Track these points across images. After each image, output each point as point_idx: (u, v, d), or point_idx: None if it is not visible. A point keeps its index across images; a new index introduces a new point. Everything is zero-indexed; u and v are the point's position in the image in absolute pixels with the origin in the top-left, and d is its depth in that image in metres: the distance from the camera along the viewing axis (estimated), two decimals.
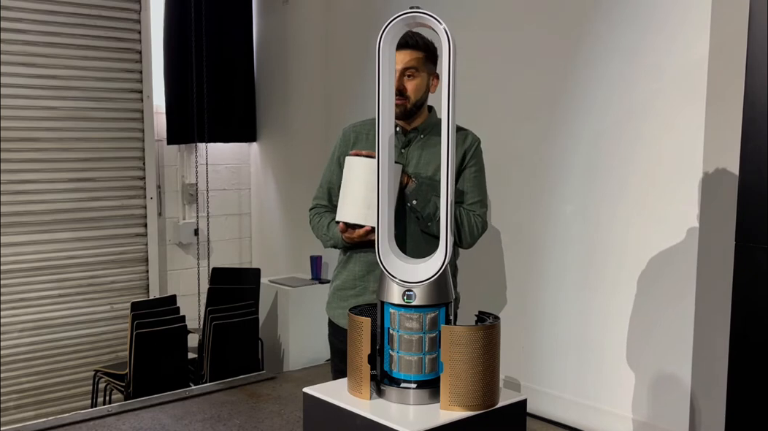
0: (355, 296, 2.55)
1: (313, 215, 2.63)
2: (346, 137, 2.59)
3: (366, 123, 2.59)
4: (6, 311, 4.32)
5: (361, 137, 2.55)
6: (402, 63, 2.39)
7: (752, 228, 2.12)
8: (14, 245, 4.34)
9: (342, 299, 2.59)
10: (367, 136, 2.54)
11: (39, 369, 4.46)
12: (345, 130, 2.61)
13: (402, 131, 2.50)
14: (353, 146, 2.54)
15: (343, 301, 2.58)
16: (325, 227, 2.54)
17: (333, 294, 2.64)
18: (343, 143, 2.58)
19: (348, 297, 2.56)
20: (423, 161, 2.47)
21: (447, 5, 3.35)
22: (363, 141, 2.54)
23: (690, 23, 2.93)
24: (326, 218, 2.56)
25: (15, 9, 4.26)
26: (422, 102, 2.47)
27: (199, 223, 5.03)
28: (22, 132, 4.33)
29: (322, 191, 2.62)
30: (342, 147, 2.57)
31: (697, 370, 2.98)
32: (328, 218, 2.55)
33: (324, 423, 1.94)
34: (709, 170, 2.90)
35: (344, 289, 2.58)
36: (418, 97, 2.44)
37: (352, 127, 2.60)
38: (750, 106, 2.12)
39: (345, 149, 2.54)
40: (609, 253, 3.27)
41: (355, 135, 2.57)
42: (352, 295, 2.56)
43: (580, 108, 3.33)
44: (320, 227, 2.57)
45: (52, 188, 4.47)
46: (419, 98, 2.45)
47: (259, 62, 5.21)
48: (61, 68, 4.44)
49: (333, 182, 2.57)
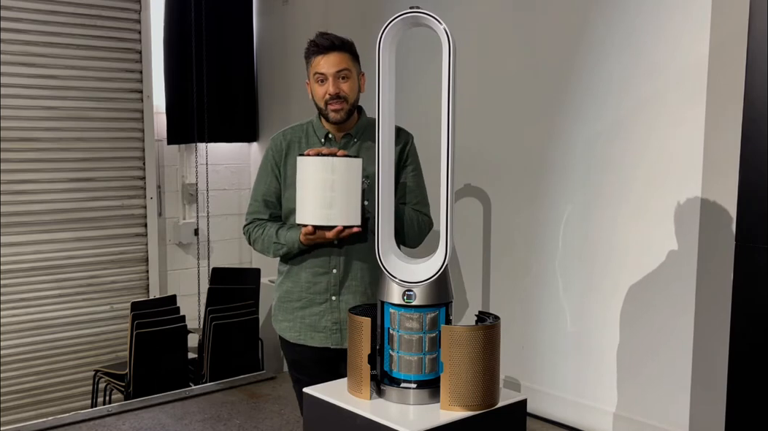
0: (301, 309, 2.45)
1: (254, 229, 2.49)
2: (278, 146, 2.48)
3: (296, 129, 2.50)
4: (6, 311, 4.32)
5: (294, 144, 2.46)
6: (335, 66, 2.34)
7: (752, 228, 2.12)
8: (14, 245, 4.34)
9: (287, 311, 2.49)
10: (299, 143, 2.46)
11: (39, 369, 4.46)
12: (274, 138, 2.51)
13: (334, 138, 2.44)
14: (287, 155, 2.45)
15: (288, 313, 2.48)
16: (274, 235, 2.42)
17: (277, 307, 2.53)
18: (275, 153, 2.47)
19: (294, 310, 2.47)
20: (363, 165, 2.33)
21: (447, 5, 3.35)
22: (296, 149, 2.45)
23: (690, 23, 2.93)
24: (272, 227, 2.44)
25: (15, 9, 4.26)
26: (357, 102, 2.43)
27: (199, 223, 5.03)
28: (22, 132, 4.33)
29: (257, 205, 2.50)
30: (275, 157, 2.46)
31: (697, 370, 2.98)
32: (275, 227, 2.44)
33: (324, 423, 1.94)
34: (709, 170, 2.90)
35: (289, 301, 2.48)
36: (354, 97, 2.40)
37: (282, 135, 2.50)
38: (750, 106, 2.12)
39: (279, 158, 2.45)
40: (609, 253, 3.26)
41: (287, 144, 2.47)
42: (298, 307, 2.46)
43: (580, 108, 3.32)
44: (267, 236, 2.44)
45: (52, 188, 4.47)
46: (356, 99, 2.41)
47: (259, 62, 5.21)
48: (61, 68, 4.44)
49: (269, 194, 2.47)
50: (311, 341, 2.45)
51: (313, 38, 2.40)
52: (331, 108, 2.36)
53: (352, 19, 4.43)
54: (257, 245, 2.50)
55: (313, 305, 2.44)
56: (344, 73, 2.36)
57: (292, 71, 4.90)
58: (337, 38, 2.38)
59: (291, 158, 2.44)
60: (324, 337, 2.43)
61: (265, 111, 5.20)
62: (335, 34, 2.40)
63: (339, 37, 2.39)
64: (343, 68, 2.35)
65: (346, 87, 2.36)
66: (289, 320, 2.48)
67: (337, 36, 2.39)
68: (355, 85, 2.40)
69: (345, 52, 2.37)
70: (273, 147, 2.49)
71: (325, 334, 2.43)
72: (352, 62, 2.39)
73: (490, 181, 3.66)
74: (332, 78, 2.34)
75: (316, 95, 2.40)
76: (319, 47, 2.37)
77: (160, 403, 3.99)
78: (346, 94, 2.36)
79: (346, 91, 2.36)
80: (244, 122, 5.18)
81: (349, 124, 2.43)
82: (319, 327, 2.43)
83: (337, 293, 2.41)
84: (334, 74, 2.35)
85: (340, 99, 2.35)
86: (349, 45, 2.40)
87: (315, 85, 2.40)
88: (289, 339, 2.49)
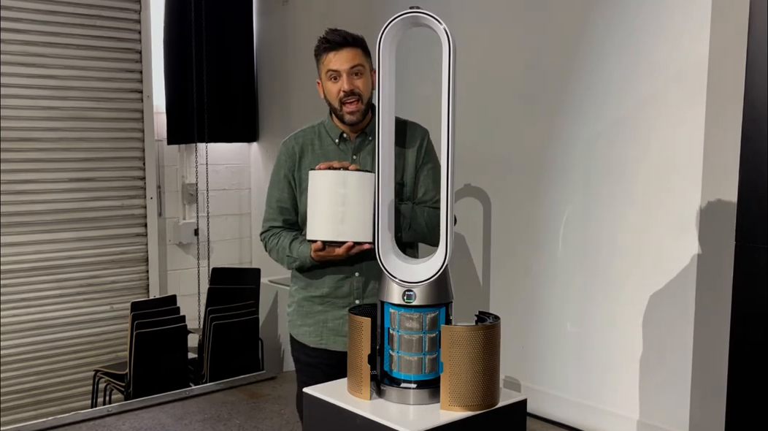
0: (323, 313, 2.39)
1: (269, 238, 2.43)
2: (290, 151, 2.39)
3: (307, 132, 2.41)
4: (6, 311, 4.32)
5: (307, 148, 2.37)
6: (348, 62, 2.25)
7: (752, 228, 2.12)
8: (15, 245, 4.34)
9: (307, 316, 2.41)
10: (312, 146, 2.38)
11: (39, 369, 4.46)
12: (286, 143, 2.42)
13: (348, 138, 2.36)
14: (300, 159, 2.37)
15: (308, 318, 2.41)
16: (287, 247, 2.35)
17: (296, 312, 2.45)
18: (288, 158, 2.39)
19: (315, 314, 2.40)
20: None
21: (447, 5, 3.35)
22: (310, 153, 2.37)
23: (690, 23, 2.93)
24: (286, 238, 2.37)
25: (15, 9, 4.26)
26: (371, 100, 2.33)
27: (199, 223, 5.03)
28: (23, 132, 4.33)
29: (272, 212, 2.43)
30: (288, 162, 2.38)
31: (697, 370, 2.98)
32: (289, 238, 2.37)
33: (324, 423, 1.94)
34: (709, 170, 2.90)
35: (311, 305, 2.40)
36: (368, 95, 2.31)
37: (294, 139, 2.41)
38: (750, 106, 2.12)
39: (292, 164, 2.38)
40: (609, 253, 3.26)
41: (300, 148, 2.38)
42: (320, 311, 2.39)
43: (580, 108, 3.32)
44: (281, 248, 2.38)
45: (53, 188, 4.47)
46: (370, 96, 2.31)
47: (259, 62, 5.21)
48: (60, 68, 4.44)
49: (284, 200, 2.40)
50: (333, 345, 2.37)
51: (324, 35, 2.31)
52: (347, 110, 2.27)
53: (352, 19, 4.43)
54: (273, 254, 2.44)
55: (336, 308, 2.36)
56: (358, 69, 2.26)
57: (292, 71, 4.90)
58: (349, 34, 2.29)
59: (305, 161, 2.36)
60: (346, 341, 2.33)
61: (265, 111, 5.20)
62: (345, 30, 2.32)
63: (350, 33, 2.30)
64: (357, 64, 2.26)
65: (361, 84, 2.27)
66: (310, 325, 2.40)
67: (349, 32, 2.30)
68: (369, 81, 2.30)
69: (357, 47, 2.28)
70: (285, 152, 2.40)
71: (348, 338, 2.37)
72: (365, 58, 2.30)
73: (490, 181, 3.66)
74: (346, 75, 2.25)
75: (329, 94, 2.30)
76: (331, 43, 2.27)
77: (160, 403, 3.99)
78: (360, 90, 2.27)
79: (361, 87, 2.27)
80: (244, 121, 5.19)
81: (363, 123, 2.34)
82: (342, 332, 2.34)
83: (361, 296, 2.35)
84: (347, 71, 2.25)
85: (355, 96, 2.26)
86: (361, 41, 2.30)
87: (328, 83, 2.29)
88: (310, 343, 2.41)
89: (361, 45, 2.31)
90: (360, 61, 2.27)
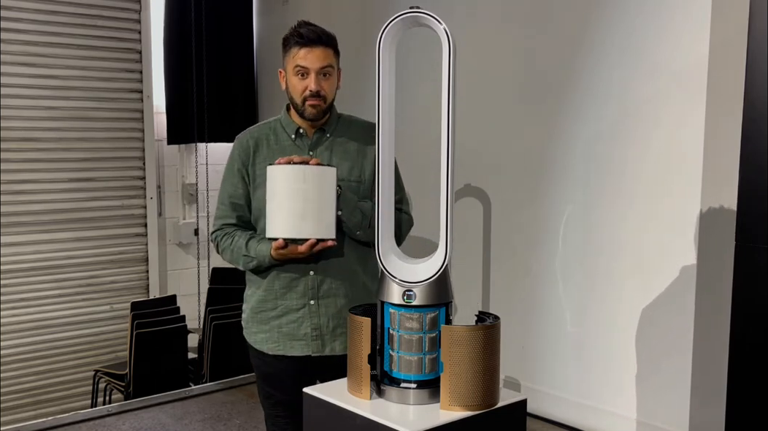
0: (276, 317, 2.32)
1: (222, 237, 2.34)
2: (244, 145, 2.34)
3: (262, 128, 2.37)
4: (6, 311, 4.32)
5: (262, 143, 2.33)
6: (319, 62, 2.21)
7: (752, 228, 2.12)
8: (14, 245, 4.34)
9: (261, 321, 2.34)
10: (267, 141, 2.33)
11: (39, 369, 4.47)
12: (240, 138, 2.37)
13: (305, 133, 2.33)
14: (254, 153, 2.32)
15: (263, 324, 2.34)
16: (243, 247, 2.27)
17: (250, 318, 2.38)
18: (242, 153, 2.33)
19: (269, 319, 2.33)
20: (333, 163, 2.26)
21: (447, 5, 3.35)
22: (265, 147, 2.32)
23: (690, 23, 2.93)
24: (241, 238, 2.30)
25: (15, 9, 4.27)
26: (333, 100, 2.32)
27: (199, 223, 5.03)
28: (23, 132, 4.33)
29: (225, 209, 2.35)
30: (242, 156, 2.33)
31: (697, 370, 2.98)
32: (245, 237, 2.29)
33: (324, 423, 1.94)
34: (709, 170, 2.90)
35: (263, 311, 2.34)
36: (332, 96, 2.29)
37: (248, 133, 2.36)
38: (750, 106, 2.12)
39: (246, 158, 2.32)
40: (609, 253, 3.26)
41: (254, 142, 2.33)
42: (273, 316, 2.32)
43: (580, 108, 3.32)
44: (236, 248, 2.29)
45: (53, 188, 4.47)
46: (333, 97, 2.30)
47: (259, 62, 5.21)
48: (61, 68, 4.44)
49: (237, 196, 2.33)
50: (291, 350, 2.31)
51: (297, 27, 2.25)
52: (309, 104, 2.24)
53: (352, 19, 4.43)
54: (226, 255, 2.35)
55: (290, 312, 2.30)
56: (327, 69, 2.23)
57: None
58: (324, 32, 2.25)
59: (259, 156, 2.32)
60: (304, 345, 2.30)
61: (265, 111, 5.20)
62: (319, 26, 2.28)
63: (325, 30, 2.26)
64: (327, 65, 2.23)
65: (327, 86, 2.24)
66: (265, 332, 2.34)
67: (324, 29, 2.25)
68: (335, 83, 2.28)
69: (329, 47, 2.24)
70: (239, 147, 2.35)
71: (305, 341, 2.30)
72: (335, 58, 2.27)
73: (490, 181, 3.66)
74: (314, 74, 2.21)
75: (293, 88, 2.26)
76: (304, 39, 2.21)
77: (160, 403, 3.99)
78: (326, 93, 2.24)
79: (326, 89, 2.24)
80: (244, 122, 5.17)
81: (323, 120, 2.32)
82: (298, 335, 2.30)
83: (316, 296, 2.29)
84: (317, 70, 2.21)
85: (320, 98, 2.23)
86: (333, 39, 2.26)
87: (294, 77, 2.25)
88: (267, 350, 2.34)
89: (333, 44, 2.27)
90: (330, 62, 2.24)
